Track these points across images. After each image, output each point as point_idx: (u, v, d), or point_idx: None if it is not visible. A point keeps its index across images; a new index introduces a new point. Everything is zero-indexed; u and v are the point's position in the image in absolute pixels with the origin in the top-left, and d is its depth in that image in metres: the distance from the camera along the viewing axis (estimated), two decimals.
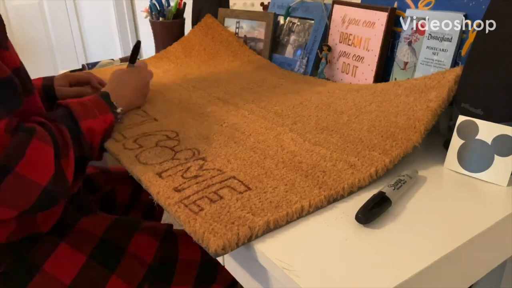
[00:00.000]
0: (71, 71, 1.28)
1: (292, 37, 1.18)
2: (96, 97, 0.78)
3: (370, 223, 0.53)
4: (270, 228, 0.51)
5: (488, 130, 0.61)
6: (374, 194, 0.56)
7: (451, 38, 0.79)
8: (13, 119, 0.59)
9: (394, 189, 0.56)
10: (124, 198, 1.04)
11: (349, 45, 1.01)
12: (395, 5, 0.92)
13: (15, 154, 0.56)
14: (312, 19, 1.13)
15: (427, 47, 0.83)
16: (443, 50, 0.80)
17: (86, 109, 0.73)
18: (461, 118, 0.64)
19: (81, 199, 0.84)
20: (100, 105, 0.77)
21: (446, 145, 0.68)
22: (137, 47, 0.96)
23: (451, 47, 0.79)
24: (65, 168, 0.63)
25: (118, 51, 2.85)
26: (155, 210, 1.08)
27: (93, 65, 1.33)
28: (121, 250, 0.75)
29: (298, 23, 1.17)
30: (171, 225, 0.86)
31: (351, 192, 0.59)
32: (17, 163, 0.56)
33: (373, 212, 0.53)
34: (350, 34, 1.00)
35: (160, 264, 0.78)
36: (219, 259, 0.61)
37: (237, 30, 1.30)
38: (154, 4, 1.36)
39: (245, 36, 1.28)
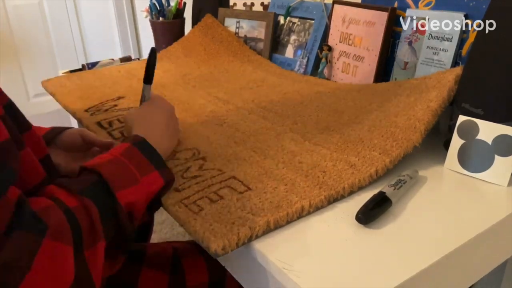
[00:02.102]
0: (71, 71, 1.29)
1: (292, 37, 1.18)
2: (129, 148, 0.56)
3: (370, 223, 0.53)
4: (270, 228, 0.51)
5: (488, 130, 0.61)
6: (374, 194, 0.56)
7: (452, 38, 0.79)
8: (10, 200, 0.41)
9: (394, 189, 0.56)
10: None
11: (349, 45, 1.01)
12: (396, 5, 0.92)
13: (17, 266, 0.38)
14: (312, 19, 1.13)
15: (428, 47, 0.83)
16: (443, 50, 0.80)
17: (122, 171, 0.53)
18: (461, 118, 0.64)
19: None
20: (141, 162, 0.56)
21: (446, 145, 0.68)
22: (152, 58, 0.69)
23: (452, 47, 0.79)
24: (90, 266, 0.45)
25: (118, 51, 2.85)
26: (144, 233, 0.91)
27: (93, 65, 1.33)
28: None
29: (298, 23, 1.17)
30: (175, 249, 0.77)
31: (351, 192, 0.59)
32: (21, 280, 0.38)
33: (373, 212, 0.53)
34: (351, 34, 1.00)
35: None
36: (219, 259, 0.61)
37: (237, 30, 1.30)
38: (154, 4, 1.36)
39: (245, 36, 1.28)
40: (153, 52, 0.69)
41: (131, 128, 0.65)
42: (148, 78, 0.69)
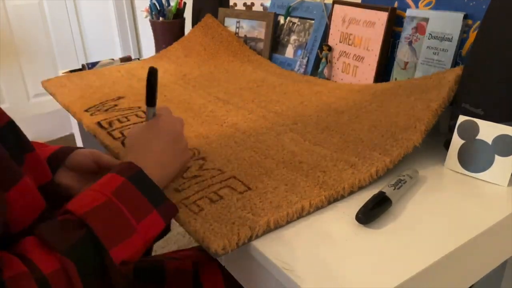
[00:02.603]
0: (71, 71, 1.29)
1: (292, 37, 1.18)
2: (123, 184, 0.49)
3: (370, 223, 0.53)
4: (271, 228, 0.51)
5: (488, 130, 0.61)
6: (374, 194, 0.56)
7: (452, 38, 0.79)
8: None
9: (394, 189, 0.56)
10: None
11: (349, 45, 1.01)
12: (396, 5, 0.92)
13: None
14: (312, 19, 1.13)
15: (428, 47, 0.83)
16: (443, 50, 0.80)
17: (116, 222, 0.46)
18: (461, 118, 0.64)
19: None
20: (137, 202, 0.49)
21: (446, 145, 0.68)
22: (152, 79, 0.62)
23: (452, 47, 0.79)
24: None
25: (118, 51, 2.85)
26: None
27: (93, 65, 1.33)
28: None
29: (298, 23, 1.17)
30: (194, 263, 0.73)
31: (351, 192, 0.59)
32: None
33: (373, 212, 0.53)
34: (351, 34, 1.00)
35: None
36: (219, 259, 0.61)
37: (237, 30, 1.30)
38: (154, 4, 1.36)
39: (245, 36, 1.28)
40: (152, 73, 0.60)
41: (126, 149, 0.59)
42: (150, 100, 0.62)
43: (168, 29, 1.38)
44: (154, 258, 0.76)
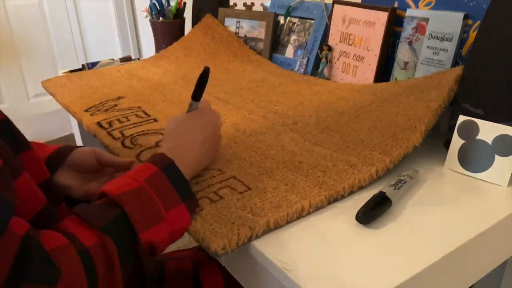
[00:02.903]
0: (71, 71, 1.29)
1: (292, 37, 1.18)
2: (156, 174, 0.51)
3: (370, 223, 0.53)
4: (270, 228, 0.51)
5: (488, 130, 0.61)
6: (374, 194, 0.56)
7: (452, 38, 0.79)
8: (14, 236, 0.37)
9: (394, 189, 0.56)
10: None
11: (349, 45, 1.01)
12: (396, 5, 0.92)
13: None
14: (312, 19, 1.13)
15: (428, 47, 0.83)
16: (443, 50, 0.80)
17: (147, 207, 0.48)
18: (461, 118, 0.64)
19: None
20: (167, 192, 0.50)
21: (446, 145, 0.68)
22: (205, 77, 0.63)
23: (452, 47, 0.79)
24: None
25: (118, 51, 2.85)
26: None
27: (93, 65, 1.33)
28: None
29: (298, 23, 1.17)
30: (194, 264, 0.74)
31: (351, 192, 0.59)
32: None
33: (373, 212, 0.53)
34: (351, 34, 1.00)
35: None
36: (220, 258, 0.61)
37: (237, 30, 1.30)
38: (154, 4, 1.36)
39: (245, 36, 1.28)
40: (206, 72, 0.62)
41: (164, 137, 0.60)
42: (197, 95, 0.64)
43: (168, 29, 1.38)
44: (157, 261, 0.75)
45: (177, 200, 0.50)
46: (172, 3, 1.39)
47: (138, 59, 1.42)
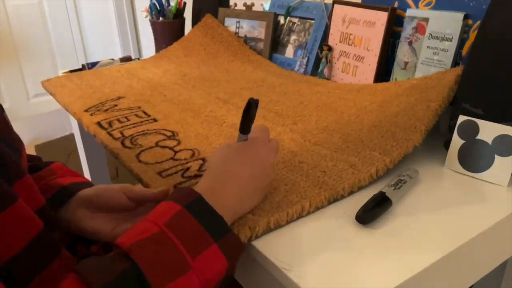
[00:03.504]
0: (71, 71, 1.28)
1: (292, 37, 1.18)
2: (180, 213, 0.43)
3: (370, 223, 0.53)
4: (270, 228, 0.51)
5: (488, 130, 0.61)
6: (374, 194, 0.56)
7: (452, 38, 0.79)
8: None
9: (394, 189, 0.56)
10: None
11: (349, 45, 1.01)
12: (396, 5, 0.92)
13: None
14: (313, 19, 1.13)
15: (428, 47, 0.83)
16: (443, 50, 0.80)
17: (167, 256, 0.40)
18: (461, 118, 0.64)
19: None
20: (194, 234, 0.42)
21: (446, 145, 0.68)
22: (252, 108, 0.53)
23: (452, 47, 0.79)
24: None
25: (118, 51, 2.85)
26: None
27: (93, 65, 1.33)
28: None
29: (298, 23, 1.17)
30: None
31: (351, 192, 0.59)
32: None
33: (373, 212, 0.53)
34: (351, 34, 1.00)
35: None
36: None
37: (237, 30, 1.30)
38: (154, 4, 1.36)
39: (245, 36, 1.28)
40: (252, 104, 0.52)
41: (205, 172, 0.52)
42: (245, 128, 0.55)
43: (168, 29, 1.38)
44: None
45: (208, 242, 0.42)
46: (172, 3, 1.39)
47: (138, 59, 1.42)
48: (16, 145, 0.49)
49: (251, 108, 0.53)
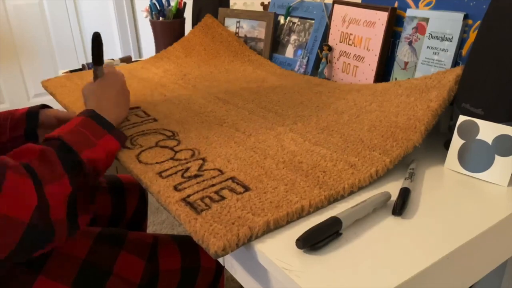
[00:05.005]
0: (71, 71, 1.29)
1: (293, 37, 1.18)
2: (84, 119, 0.69)
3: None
4: (270, 228, 0.51)
5: (488, 130, 0.61)
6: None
7: (452, 38, 0.79)
8: None
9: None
10: (105, 211, 0.97)
11: (349, 45, 1.01)
12: (396, 5, 0.92)
13: None
14: (313, 19, 1.13)
15: (428, 47, 0.83)
16: (443, 50, 0.80)
17: (80, 137, 0.65)
18: (461, 118, 0.64)
19: None
20: (94, 129, 0.68)
21: (446, 145, 0.68)
22: (97, 41, 0.81)
23: (452, 47, 0.79)
24: (49, 198, 0.55)
25: (118, 51, 2.85)
26: (139, 222, 1.06)
27: None
28: (107, 273, 0.71)
29: (299, 23, 1.17)
30: (156, 238, 0.82)
31: (351, 192, 0.59)
32: None
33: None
34: (351, 34, 1.00)
35: (147, 282, 0.75)
36: (220, 259, 0.61)
37: (237, 30, 1.30)
38: (154, 4, 1.36)
39: (245, 36, 1.28)
40: (97, 37, 0.80)
41: (85, 102, 0.79)
42: (97, 60, 0.81)
43: (168, 29, 1.38)
44: (118, 229, 0.83)
45: (104, 133, 0.69)
46: (172, 3, 1.39)
47: (139, 59, 1.42)
48: None
49: (97, 40, 0.80)
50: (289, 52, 1.18)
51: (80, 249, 0.71)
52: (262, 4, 1.41)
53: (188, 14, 1.41)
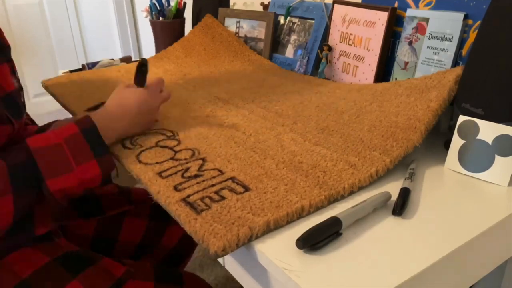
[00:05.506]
0: (71, 71, 1.29)
1: (293, 37, 1.18)
2: (75, 134, 0.61)
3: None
4: (271, 228, 0.51)
5: (488, 130, 0.61)
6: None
7: (452, 38, 0.79)
8: None
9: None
10: (133, 237, 0.88)
11: (349, 45, 1.01)
12: (396, 4, 0.92)
13: None
14: (313, 19, 1.13)
15: (428, 47, 0.83)
16: (443, 50, 0.80)
17: (57, 157, 0.59)
18: (461, 118, 0.64)
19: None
20: (80, 149, 0.61)
21: (446, 145, 0.68)
22: (142, 66, 0.76)
23: (452, 47, 0.79)
24: None
25: (118, 51, 2.85)
26: (179, 257, 0.95)
27: (93, 65, 1.33)
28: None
29: (299, 23, 1.17)
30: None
31: (351, 192, 0.59)
32: None
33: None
34: (351, 34, 1.00)
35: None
36: (220, 259, 0.61)
37: (237, 30, 1.30)
38: (154, 4, 1.36)
39: (245, 36, 1.28)
40: (143, 63, 0.76)
41: (110, 97, 0.72)
42: (139, 82, 0.75)
43: (168, 29, 1.38)
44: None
45: (90, 157, 0.61)
46: (172, 3, 1.39)
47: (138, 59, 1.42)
48: None
49: (144, 65, 0.75)
50: (289, 52, 1.18)
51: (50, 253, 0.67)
52: (262, 4, 1.41)
53: (188, 14, 1.41)
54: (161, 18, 1.38)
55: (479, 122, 0.62)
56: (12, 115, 0.62)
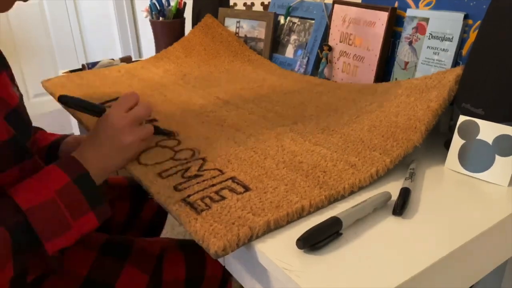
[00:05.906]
0: (71, 71, 1.29)
1: (293, 37, 1.18)
2: (67, 185, 0.55)
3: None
4: (271, 228, 0.51)
5: (489, 130, 0.61)
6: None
7: (452, 38, 0.79)
8: None
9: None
10: (120, 217, 0.93)
11: (349, 45, 1.01)
12: (396, 4, 0.92)
13: None
14: (313, 19, 1.13)
15: (428, 47, 0.83)
16: (444, 50, 0.80)
17: (53, 216, 0.54)
18: (462, 118, 0.64)
19: None
20: (76, 203, 0.56)
21: (447, 145, 0.68)
22: (73, 103, 0.73)
23: (452, 47, 0.79)
24: None
25: (118, 51, 2.85)
26: (155, 229, 1.01)
27: (93, 65, 1.33)
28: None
29: (299, 23, 1.17)
30: (163, 248, 0.78)
31: (351, 192, 0.59)
32: None
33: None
34: (351, 34, 1.00)
35: None
36: (220, 259, 0.61)
37: (237, 30, 1.30)
38: (154, 4, 1.36)
39: (245, 36, 1.28)
40: (64, 100, 0.72)
41: (93, 133, 0.64)
42: (97, 113, 0.70)
43: (168, 29, 1.38)
44: (126, 237, 0.80)
45: (86, 209, 0.56)
46: (172, 3, 1.39)
47: (137, 60, 1.42)
48: None
49: (72, 102, 0.72)
50: (289, 52, 1.18)
51: (82, 264, 0.69)
52: (262, 4, 1.41)
53: (188, 14, 1.41)
54: (161, 18, 1.38)
55: (479, 122, 0.62)
56: (20, 134, 0.59)
